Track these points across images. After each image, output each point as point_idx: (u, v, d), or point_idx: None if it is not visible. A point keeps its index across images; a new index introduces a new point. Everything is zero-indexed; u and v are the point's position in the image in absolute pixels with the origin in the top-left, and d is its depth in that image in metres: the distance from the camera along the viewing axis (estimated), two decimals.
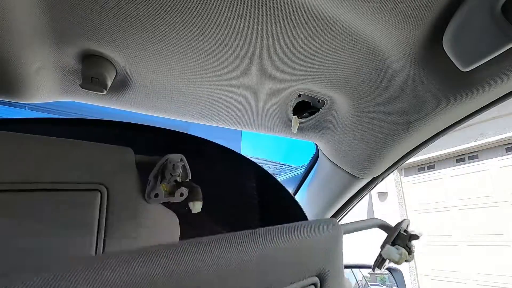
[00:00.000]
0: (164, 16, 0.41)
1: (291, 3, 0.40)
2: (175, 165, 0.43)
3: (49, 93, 0.53)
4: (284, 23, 0.43)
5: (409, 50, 0.46)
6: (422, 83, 0.50)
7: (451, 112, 0.52)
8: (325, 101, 0.62)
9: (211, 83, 0.55)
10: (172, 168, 0.43)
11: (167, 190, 0.43)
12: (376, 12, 0.40)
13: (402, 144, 0.62)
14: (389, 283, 1.34)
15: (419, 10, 0.39)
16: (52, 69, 0.49)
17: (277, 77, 0.54)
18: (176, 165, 0.43)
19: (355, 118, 0.64)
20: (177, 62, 0.50)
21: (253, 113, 0.65)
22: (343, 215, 0.89)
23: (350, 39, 0.46)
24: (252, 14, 0.41)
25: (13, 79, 0.46)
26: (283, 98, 0.60)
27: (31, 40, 0.42)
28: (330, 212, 0.86)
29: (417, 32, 0.43)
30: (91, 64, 0.48)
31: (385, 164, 0.70)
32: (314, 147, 0.86)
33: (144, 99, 0.58)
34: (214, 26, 0.43)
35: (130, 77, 0.52)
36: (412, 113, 0.55)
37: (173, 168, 0.43)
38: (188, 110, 0.62)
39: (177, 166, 0.43)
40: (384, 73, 0.52)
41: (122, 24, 0.42)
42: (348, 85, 0.56)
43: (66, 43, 0.45)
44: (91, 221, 0.30)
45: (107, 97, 0.57)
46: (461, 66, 0.42)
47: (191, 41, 0.46)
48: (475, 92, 0.47)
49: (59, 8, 0.40)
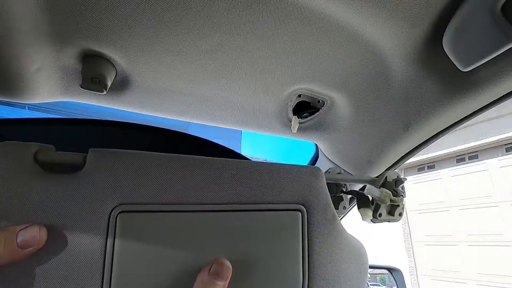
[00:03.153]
0: (164, 16, 0.41)
1: (291, 3, 0.40)
2: (397, 181, 0.40)
3: (49, 93, 0.53)
4: (284, 23, 0.43)
5: (409, 50, 0.46)
6: (422, 83, 0.50)
7: (451, 112, 0.52)
8: (325, 101, 0.62)
9: (211, 83, 0.55)
10: (395, 184, 0.40)
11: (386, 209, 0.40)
12: (376, 12, 0.40)
13: (402, 144, 0.62)
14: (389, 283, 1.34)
15: (419, 10, 0.39)
16: (52, 69, 0.49)
17: (277, 77, 0.54)
18: (399, 180, 0.40)
19: (355, 118, 0.64)
20: (177, 62, 0.50)
21: (253, 113, 0.65)
22: (343, 215, 0.89)
23: (350, 39, 0.46)
24: (252, 14, 0.41)
25: (13, 79, 0.46)
26: (283, 98, 0.60)
27: (31, 40, 0.42)
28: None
29: (417, 32, 0.43)
30: (91, 64, 0.48)
31: (385, 164, 0.70)
32: (314, 147, 0.86)
33: (144, 99, 0.58)
34: (214, 26, 0.43)
35: (130, 77, 0.52)
36: (412, 113, 0.55)
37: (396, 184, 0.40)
38: (188, 110, 0.62)
39: (399, 182, 0.40)
40: (384, 73, 0.52)
41: (122, 24, 0.42)
42: (348, 85, 0.56)
43: (66, 43, 0.45)
44: (296, 242, 0.29)
45: (107, 97, 0.57)
46: (461, 66, 0.42)
47: (191, 41, 0.46)
48: (475, 92, 0.47)
49: (59, 8, 0.40)
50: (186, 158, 0.28)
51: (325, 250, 0.31)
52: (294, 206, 0.30)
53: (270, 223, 0.29)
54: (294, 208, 0.30)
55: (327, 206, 0.32)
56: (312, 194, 0.32)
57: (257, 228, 0.28)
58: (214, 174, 0.28)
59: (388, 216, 0.40)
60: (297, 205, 0.31)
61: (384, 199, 0.39)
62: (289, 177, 0.31)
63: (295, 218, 0.30)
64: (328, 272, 0.30)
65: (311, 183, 0.32)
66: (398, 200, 0.39)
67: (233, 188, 0.29)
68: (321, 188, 0.33)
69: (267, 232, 0.29)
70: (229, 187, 0.29)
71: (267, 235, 0.28)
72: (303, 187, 0.32)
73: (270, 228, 0.29)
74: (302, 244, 0.30)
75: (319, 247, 0.30)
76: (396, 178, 0.41)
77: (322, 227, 0.31)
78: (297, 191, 0.31)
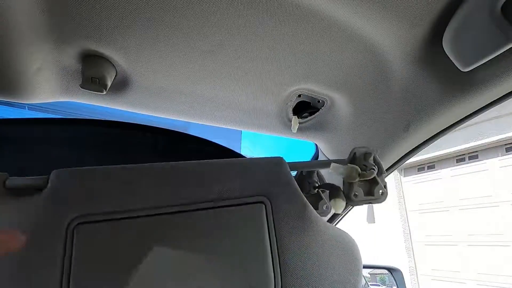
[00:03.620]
0: (164, 16, 0.41)
1: (291, 4, 0.40)
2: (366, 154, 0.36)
3: (49, 93, 0.53)
4: (284, 23, 0.43)
5: (409, 50, 0.46)
6: (422, 83, 0.50)
7: (451, 112, 0.52)
8: (325, 101, 0.62)
9: (211, 83, 0.55)
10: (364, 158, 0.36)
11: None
12: (376, 12, 0.40)
13: (402, 144, 0.62)
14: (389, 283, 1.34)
15: (419, 10, 0.39)
16: (52, 69, 0.49)
17: (277, 77, 0.54)
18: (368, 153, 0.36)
19: (355, 118, 0.64)
20: (177, 62, 0.50)
21: (253, 113, 0.65)
22: (343, 215, 0.89)
23: (350, 39, 0.46)
24: (252, 14, 0.41)
25: (13, 79, 0.46)
26: (283, 98, 0.61)
27: (31, 40, 0.42)
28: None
29: (417, 32, 0.43)
30: (91, 64, 0.48)
31: (385, 164, 0.70)
32: (314, 147, 0.86)
33: (144, 99, 0.58)
34: (214, 26, 0.43)
35: (130, 77, 0.52)
36: (412, 113, 0.55)
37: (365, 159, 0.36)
38: (188, 110, 0.62)
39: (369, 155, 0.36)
40: (384, 73, 0.52)
41: (122, 24, 0.42)
42: (348, 85, 0.56)
43: (66, 43, 0.45)
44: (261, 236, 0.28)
45: (107, 97, 0.57)
46: (461, 66, 0.42)
47: (191, 41, 0.46)
48: (475, 92, 0.47)
49: (59, 8, 0.40)
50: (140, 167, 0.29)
51: (297, 242, 0.29)
52: (256, 198, 0.29)
53: (232, 218, 0.28)
54: (256, 200, 0.29)
55: (294, 196, 0.30)
56: (275, 184, 0.30)
57: (218, 225, 0.28)
58: (167, 178, 0.28)
59: (368, 196, 0.36)
60: (259, 197, 0.29)
61: (351, 174, 0.35)
62: (249, 170, 0.30)
63: (258, 211, 0.28)
64: (303, 267, 0.28)
65: (273, 174, 0.31)
66: (368, 174, 0.35)
67: (188, 188, 0.28)
68: (285, 177, 0.31)
69: (230, 229, 0.28)
70: (184, 187, 0.28)
71: (230, 231, 0.28)
72: (265, 178, 0.30)
73: (233, 224, 0.28)
74: (269, 238, 0.28)
75: (289, 239, 0.29)
76: (365, 151, 0.37)
77: (290, 218, 0.29)
78: (258, 183, 0.30)
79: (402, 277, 1.21)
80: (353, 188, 0.36)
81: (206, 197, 0.28)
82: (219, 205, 0.28)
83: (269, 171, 0.31)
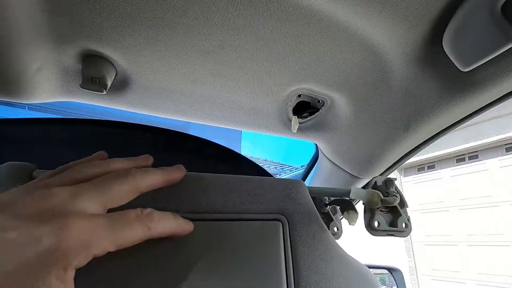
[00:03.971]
0: (164, 17, 0.41)
1: (291, 3, 0.40)
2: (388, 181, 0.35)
3: (49, 93, 0.53)
4: (285, 23, 0.43)
5: (409, 50, 0.46)
6: (422, 83, 0.50)
7: (451, 112, 0.52)
8: (325, 101, 0.62)
9: (211, 83, 0.55)
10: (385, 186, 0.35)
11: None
12: (376, 12, 0.40)
13: (402, 144, 0.62)
14: (389, 283, 1.33)
15: (419, 10, 0.39)
16: (52, 69, 0.49)
17: (277, 77, 0.54)
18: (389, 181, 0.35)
19: (355, 118, 0.64)
20: (177, 62, 0.50)
21: (253, 113, 0.65)
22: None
23: (350, 39, 0.46)
24: (252, 14, 0.41)
25: (13, 79, 0.46)
26: (283, 98, 0.61)
27: (31, 40, 0.42)
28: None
29: (417, 32, 0.43)
30: (91, 64, 0.48)
31: (385, 164, 0.70)
32: (314, 147, 0.86)
33: (144, 99, 0.58)
34: (214, 27, 0.43)
35: (130, 77, 0.52)
36: (412, 113, 0.55)
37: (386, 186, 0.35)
38: (188, 110, 0.62)
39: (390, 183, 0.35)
40: (384, 73, 0.52)
41: (122, 24, 0.42)
42: (348, 85, 0.56)
43: (66, 43, 0.45)
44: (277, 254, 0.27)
45: (107, 97, 0.57)
46: (461, 66, 0.42)
47: (191, 41, 0.46)
48: (475, 92, 0.47)
49: (59, 8, 0.40)
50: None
51: (312, 262, 0.28)
52: (274, 216, 0.29)
53: (248, 232, 0.28)
54: (273, 218, 0.29)
55: (311, 217, 0.30)
56: (293, 204, 0.30)
57: (233, 237, 0.27)
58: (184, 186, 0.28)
59: (390, 227, 0.35)
60: (277, 215, 0.29)
61: (373, 198, 0.34)
62: (269, 188, 0.31)
63: (274, 228, 0.28)
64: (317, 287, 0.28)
65: (292, 194, 0.31)
66: (390, 200, 0.34)
67: (206, 198, 0.28)
68: (303, 198, 0.31)
69: (245, 241, 0.27)
70: (201, 197, 0.28)
71: (244, 244, 0.27)
72: (284, 197, 0.31)
73: (248, 237, 0.28)
74: (285, 255, 0.28)
75: (304, 259, 0.28)
76: (386, 179, 0.37)
77: (307, 238, 0.29)
78: (277, 201, 0.30)
79: (402, 277, 1.21)
80: (374, 215, 0.35)
81: (224, 209, 0.28)
82: (237, 218, 0.28)
83: (289, 191, 0.31)
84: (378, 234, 0.35)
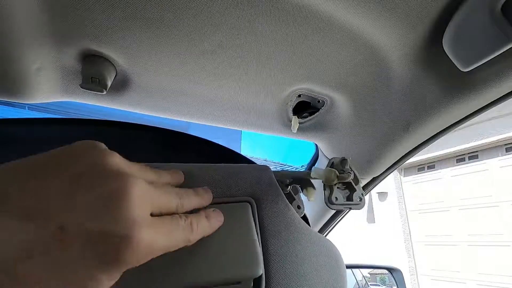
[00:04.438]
0: (164, 16, 0.41)
1: (291, 3, 0.40)
2: (343, 161, 0.39)
3: (49, 93, 0.53)
4: (284, 23, 0.43)
5: (409, 50, 0.46)
6: (422, 83, 0.50)
7: (451, 112, 0.52)
8: (325, 101, 0.62)
9: (211, 83, 0.55)
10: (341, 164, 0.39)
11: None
12: (376, 12, 0.40)
13: (402, 144, 0.62)
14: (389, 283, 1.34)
15: (419, 10, 0.39)
16: (52, 69, 0.49)
17: (277, 77, 0.54)
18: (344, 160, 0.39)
19: (355, 118, 0.64)
20: (177, 62, 0.50)
21: (253, 113, 0.65)
22: (343, 215, 0.89)
23: (350, 39, 0.46)
24: (252, 14, 0.41)
25: (13, 79, 0.46)
26: (283, 98, 0.61)
27: (31, 40, 0.43)
28: (329, 212, 0.86)
29: (417, 32, 0.43)
30: (91, 64, 0.48)
31: (385, 164, 0.70)
32: (314, 147, 0.86)
33: (144, 99, 0.58)
34: (214, 26, 0.43)
35: (130, 77, 0.53)
36: (412, 113, 0.55)
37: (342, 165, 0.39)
38: (188, 110, 0.62)
39: (345, 162, 0.39)
40: (384, 73, 0.52)
41: (122, 24, 0.42)
42: (348, 85, 0.56)
43: (66, 43, 0.45)
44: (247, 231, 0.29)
45: (107, 97, 0.57)
46: (461, 66, 0.42)
47: (191, 41, 0.46)
48: (475, 92, 0.47)
49: (59, 8, 0.40)
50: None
51: (280, 240, 0.31)
52: (243, 198, 0.32)
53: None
54: (242, 200, 0.31)
55: (277, 198, 0.33)
56: (260, 188, 0.33)
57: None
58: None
59: (347, 201, 0.39)
60: (245, 197, 0.32)
61: (330, 176, 0.38)
62: (237, 174, 0.33)
63: (244, 209, 0.31)
64: (287, 264, 0.30)
65: (259, 178, 0.33)
66: (345, 176, 0.38)
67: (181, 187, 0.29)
68: (270, 182, 0.34)
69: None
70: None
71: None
72: (251, 181, 0.33)
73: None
74: (255, 230, 0.30)
75: (273, 237, 0.31)
76: (341, 158, 0.40)
77: (274, 217, 0.32)
78: (245, 185, 0.32)
79: (402, 277, 1.22)
80: (333, 192, 0.39)
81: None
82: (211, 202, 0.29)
83: (256, 175, 0.34)
84: (337, 207, 0.39)
